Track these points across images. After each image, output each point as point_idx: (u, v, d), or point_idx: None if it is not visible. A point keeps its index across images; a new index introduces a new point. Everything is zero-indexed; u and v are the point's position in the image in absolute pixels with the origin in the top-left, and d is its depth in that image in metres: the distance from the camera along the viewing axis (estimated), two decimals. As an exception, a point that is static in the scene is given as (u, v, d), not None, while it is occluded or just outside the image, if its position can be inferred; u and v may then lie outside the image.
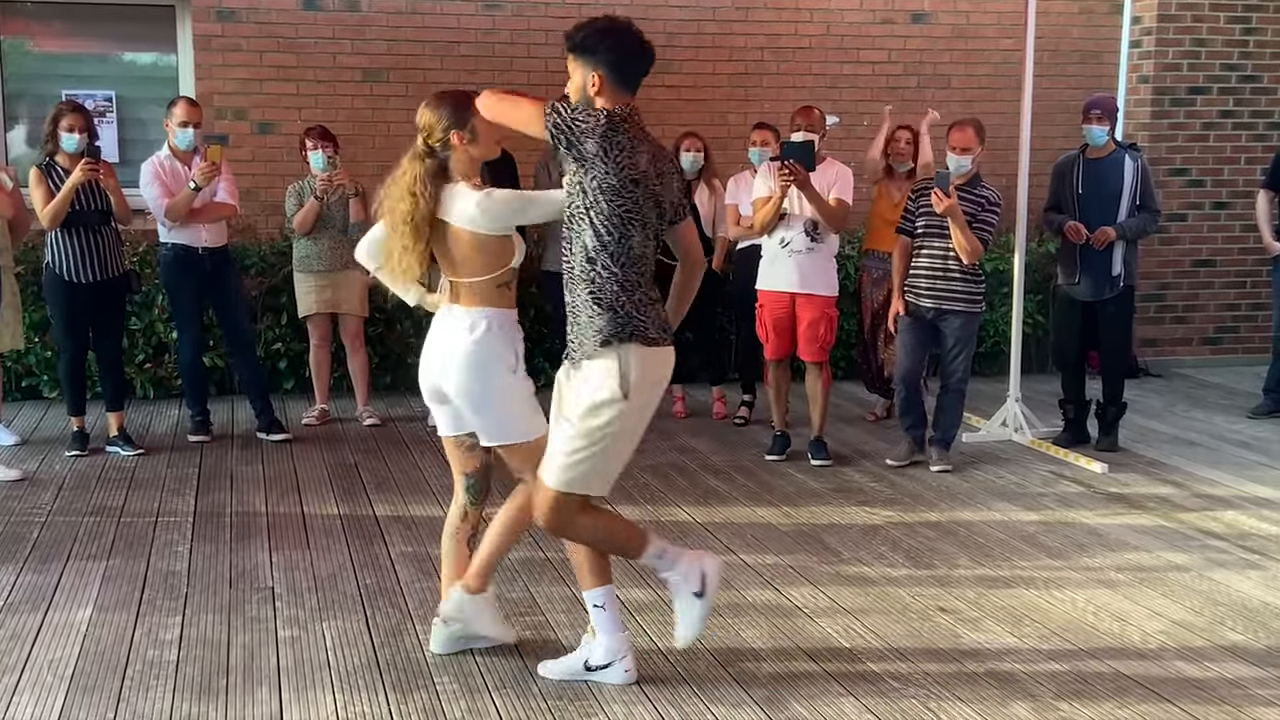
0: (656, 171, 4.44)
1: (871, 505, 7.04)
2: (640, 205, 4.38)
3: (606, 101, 4.42)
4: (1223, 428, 9.06)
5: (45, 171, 7.70)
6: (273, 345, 9.62)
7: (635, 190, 4.35)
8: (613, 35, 4.44)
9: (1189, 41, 11.22)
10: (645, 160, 4.38)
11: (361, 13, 10.09)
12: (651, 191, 4.41)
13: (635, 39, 4.46)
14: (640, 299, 4.41)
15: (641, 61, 4.48)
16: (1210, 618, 5.39)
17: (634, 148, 4.35)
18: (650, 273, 4.47)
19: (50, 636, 5.08)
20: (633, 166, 4.34)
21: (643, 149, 4.39)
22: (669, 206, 4.51)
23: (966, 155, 7.57)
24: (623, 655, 4.65)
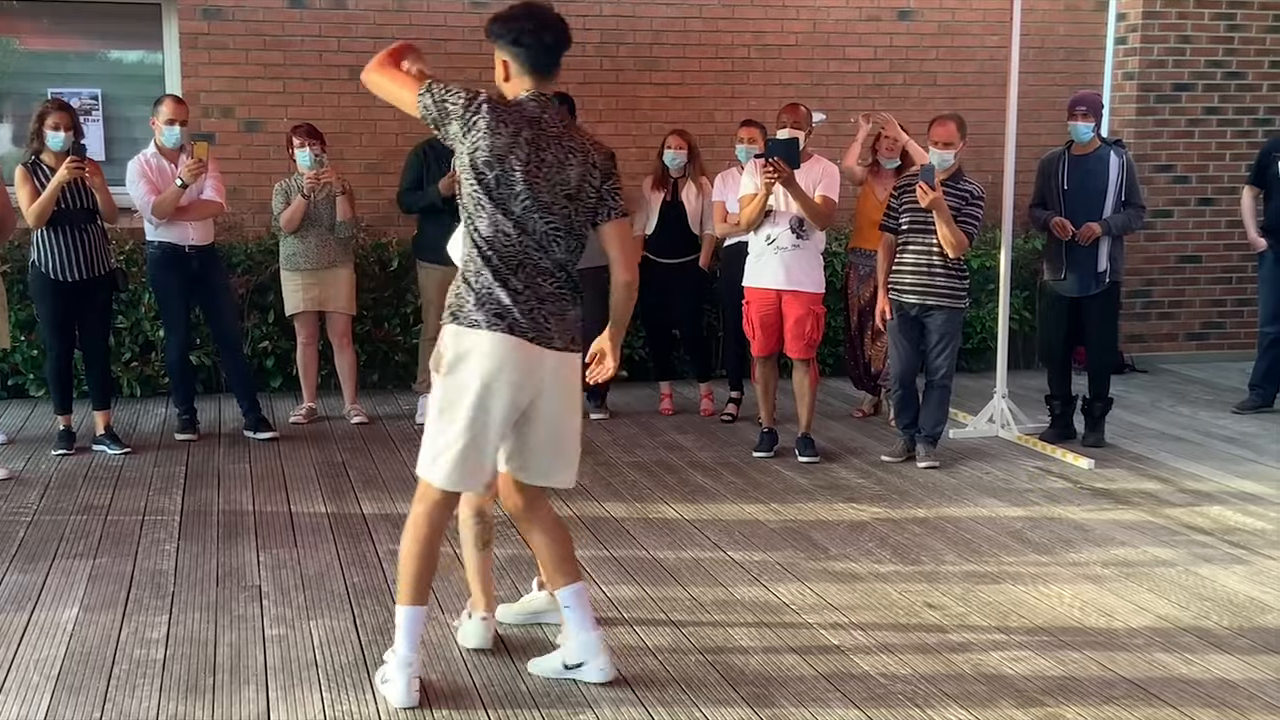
0: (540, 160, 4.33)
1: (859, 502, 7.05)
2: (493, 190, 4.30)
3: (514, 87, 4.42)
4: (1208, 423, 9.08)
5: (31, 170, 7.67)
6: (260, 343, 9.60)
7: (488, 174, 4.30)
8: (514, 20, 4.40)
9: (1174, 38, 11.25)
10: (506, 143, 4.29)
11: (348, 10, 10.07)
12: (514, 180, 4.30)
13: (535, 23, 4.38)
14: (479, 284, 4.34)
15: (540, 46, 4.38)
16: (1196, 612, 5.41)
17: (496, 130, 4.28)
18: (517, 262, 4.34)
19: (36, 636, 5.07)
20: (489, 149, 4.28)
21: (507, 132, 4.30)
22: (559, 202, 4.38)
23: (949, 150, 7.59)
24: (595, 653, 4.60)
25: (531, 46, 4.38)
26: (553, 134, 4.39)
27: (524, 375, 4.36)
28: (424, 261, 8.86)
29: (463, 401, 4.35)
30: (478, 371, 4.33)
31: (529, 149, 4.32)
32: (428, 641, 4.99)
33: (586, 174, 4.43)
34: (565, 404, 4.53)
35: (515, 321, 4.32)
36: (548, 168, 4.35)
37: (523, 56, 4.40)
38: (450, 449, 4.39)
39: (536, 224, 4.36)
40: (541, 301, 4.38)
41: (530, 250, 4.36)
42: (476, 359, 4.33)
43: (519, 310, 4.33)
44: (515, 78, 4.43)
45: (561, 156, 4.38)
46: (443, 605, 5.39)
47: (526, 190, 4.32)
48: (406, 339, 9.81)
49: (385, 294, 9.87)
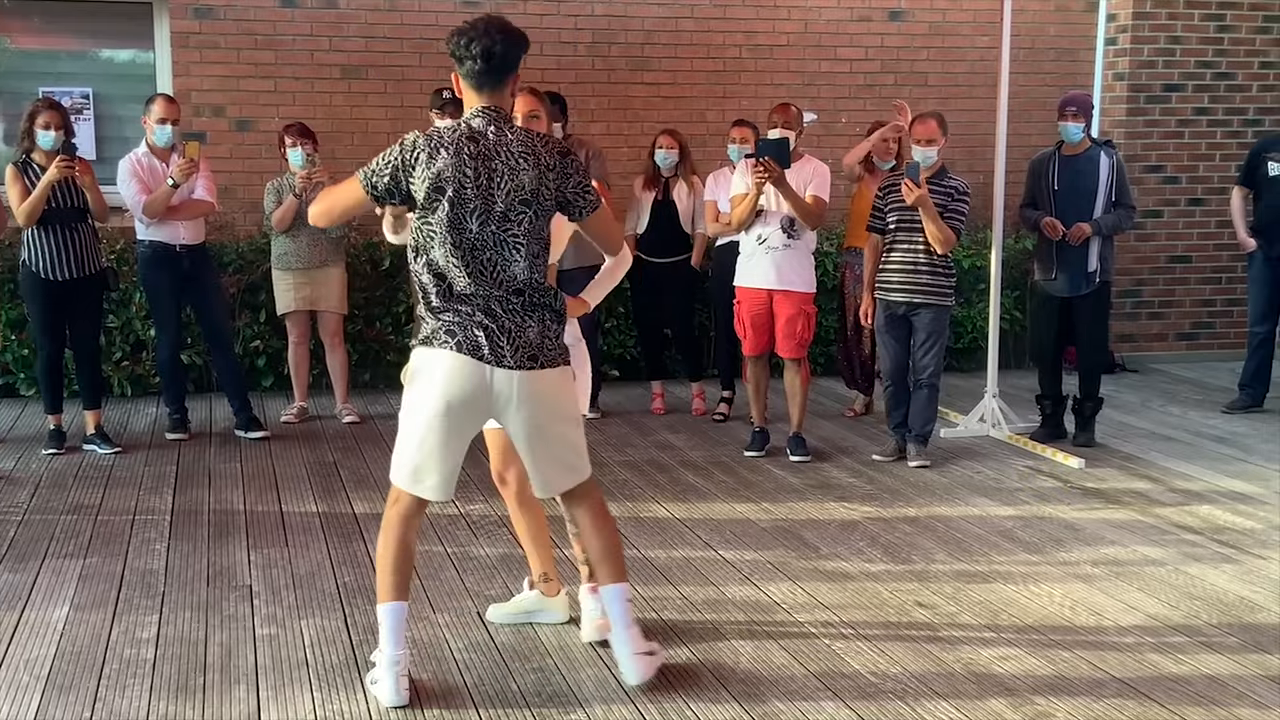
0: (490, 170, 4.31)
1: (850, 501, 7.06)
2: (448, 213, 4.30)
3: (467, 101, 4.46)
4: (1198, 423, 9.10)
5: (21, 169, 7.67)
6: (251, 343, 9.60)
7: (440, 198, 4.30)
8: (454, 37, 4.43)
9: (1164, 39, 11.28)
10: (449, 164, 4.29)
11: (339, 9, 10.07)
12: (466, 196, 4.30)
13: (468, 39, 4.38)
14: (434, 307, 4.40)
15: (473, 60, 4.36)
16: (1186, 611, 5.42)
17: (435, 155, 4.30)
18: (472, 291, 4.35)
19: (26, 635, 5.07)
20: (435, 175, 4.29)
21: (448, 154, 4.30)
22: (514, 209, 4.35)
23: (932, 147, 7.60)
24: None
25: (465, 61, 4.39)
26: (499, 144, 4.36)
27: (470, 391, 4.37)
28: (415, 261, 8.88)
29: (416, 415, 4.44)
30: (426, 386, 4.40)
31: (475, 162, 4.31)
32: (419, 640, 5.00)
33: (541, 177, 4.39)
34: (543, 417, 4.49)
35: (463, 340, 4.35)
36: (499, 177, 4.33)
37: (462, 72, 4.43)
38: (409, 458, 4.47)
39: (492, 236, 4.34)
40: (495, 320, 4.36)
41: (482, 272, 4.35)
42: (426, 374, 4.40)
43: (467, 330, 4.35)
44: (465, 92, 4.47)
45: (512, 164, 4.35)
46: (433, 604, 5.39)
47: (480, 203, 4.31)
48: (398, 338, 9.80)
49: (377, 293, 9.87)
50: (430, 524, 6.53)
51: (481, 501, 6.92)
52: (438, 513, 6.72)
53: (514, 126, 4.45)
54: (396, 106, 10.07)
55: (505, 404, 4.41)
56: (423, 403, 4.41)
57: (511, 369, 4.37)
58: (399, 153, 4.36)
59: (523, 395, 4.40)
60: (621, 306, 9.97)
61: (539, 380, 4.43)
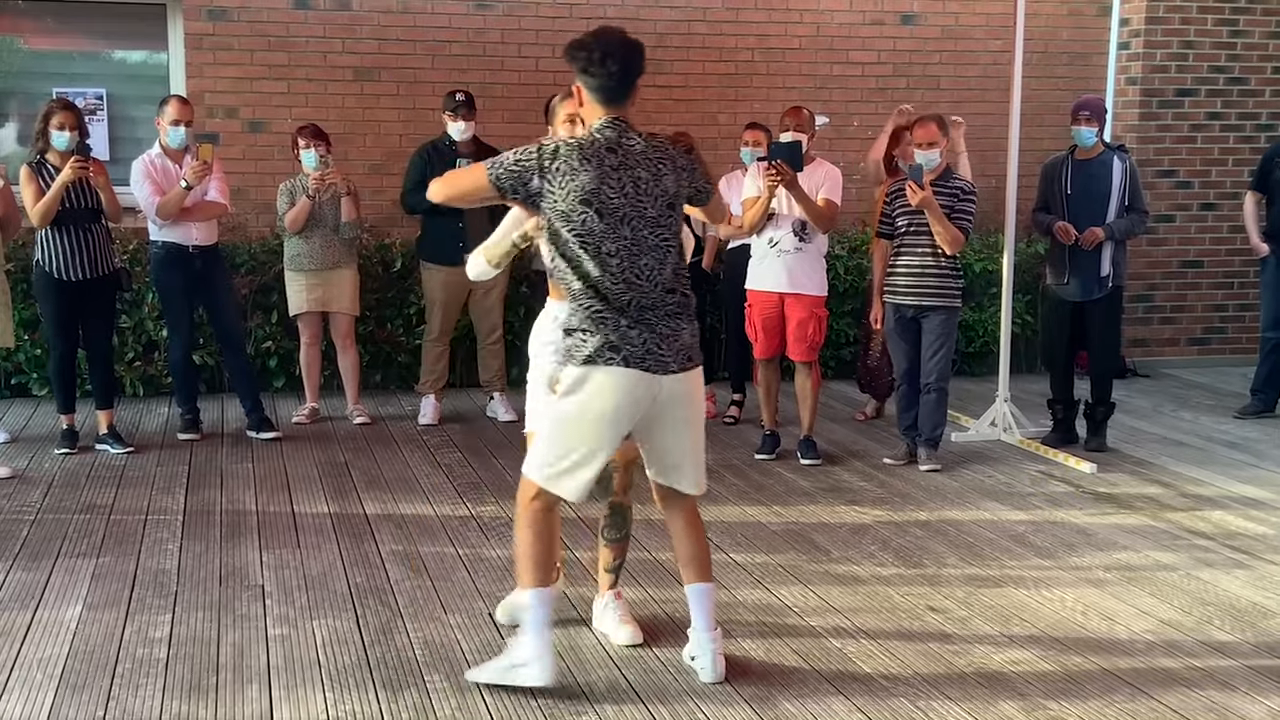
0: (636, 179, 4.40)
1: (861, 504, 7.06)
2: (597, 225, 4.36)
3: (589, 114, 4.50)
4: (1210, 428, 9.08)
5: (36, 169, 7.69)
6: (263, 344, 9.61)
7: (588, 210, 4.35)
8: (582, 49, 4.45)
9: (1177, 44, 11.25)
10: (594, 176, 4.35)
11: (353, 11, 10.08)
12: (615, 206, 4.37)
13: (601, 52, 4.42)
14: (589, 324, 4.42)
15: (607, 75, 4.42)
16: (1198, 617, 5.41)
17: (580, 168, 4.35)
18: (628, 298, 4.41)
19: (40, 634, 5.08)
20: (579, 188, 4.35)
21: (592, 165, 4.36)
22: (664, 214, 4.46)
23: (933, 150, 7.60)
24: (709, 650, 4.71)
25: (598, 76, 4.43)
26: (638, 152, 4.45)
27: (637, 404, 4.46)
28: (427, 262, 8.90)
29: (572, 425, 4.47)
30: (589, 401, 4.43)
31: (618, 173, 4.39)
32: (429, 642, 5.01)
33: (678, 179, 4.53)
34: (685, 418, 4.60)
35: (630, 354, 4.40)
36: (644, 184, 4.43)
37: (591, 85, 4.47)
38: (556, 463, 4.49)
39: (647, 240, 4.43)
40: (653, 329, 4.44)
41: (640, 277, 4.43)
42: (591, 391, 4.42)
43: (632, 342, 4.41)
44: (589, 104, 4.51)
45: (653, 170, 4.46)
46: (445, 605, 5.40)
47: (630, 210, 4.40)
48: (409, 340, 9.82)
49: (388, 295, 9.88)
50: (442, 525, 6.55)
51: (493, 503, 6.93)
52: (449, 514, 6.74)
53: (642, 134, 4.52)
54: (409, 109, 10.09)
55: (664, 407, 4.51)
56: (583, 416, 4.45)
57: (675, 373, 4.48)
58: (536, 156, 4.39)
59: (680, 395, 4.52)
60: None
61: (693, 378, 4.58)
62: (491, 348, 9.11)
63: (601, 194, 4.36)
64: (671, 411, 4.53)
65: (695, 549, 4.75)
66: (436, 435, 8.58)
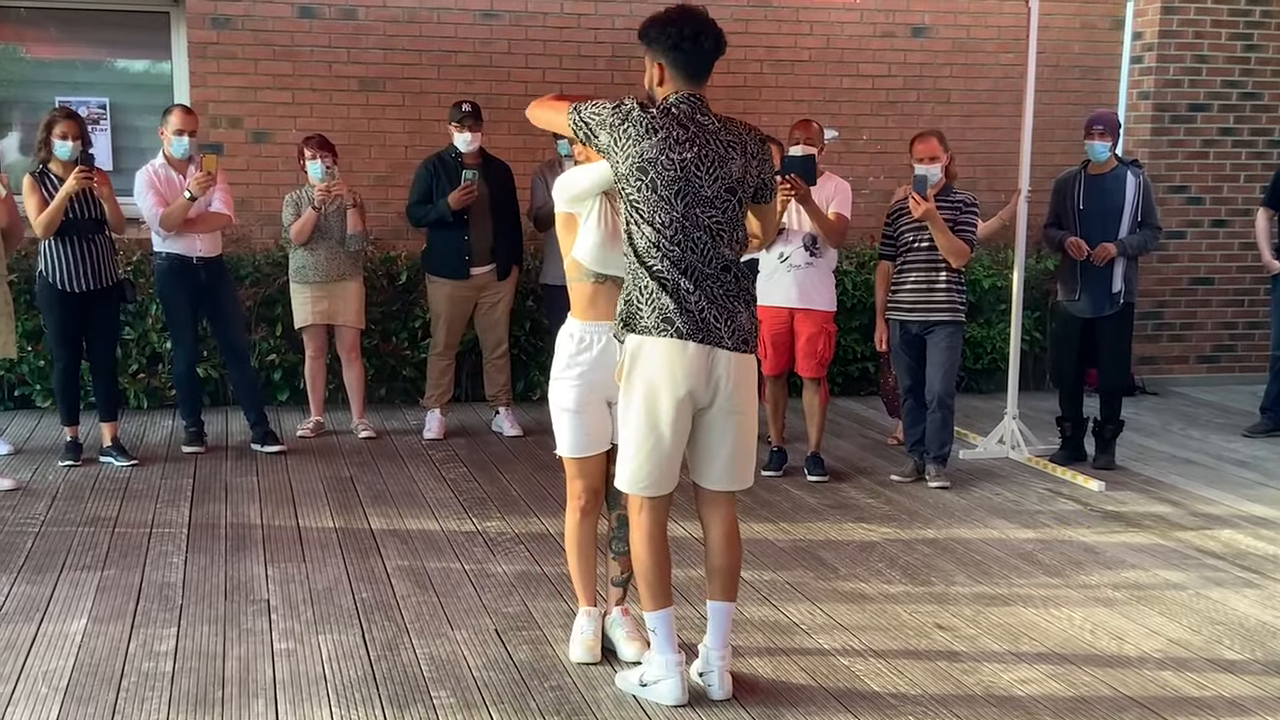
0: (699, 157, 4.40)
1: (869, 521, 7.02)
2: (653, 193, 4.37)
3: (666, 91, 4.50)
4: (1219, 446, 9.05)
5: (39, 179, 7.67)
6: (267, 356, 9.58)
7: (645, 177, 4.36)
8: (671, 24, 4.47)
9: (1190, 58, 11.22)
10: (659, 144, 4.36)
11: (358, 21, 10.06)
12: (673, 178, 4.37)
13: (693, 27, 4.46)
14: (646, 291, 4.41)
15: (700, 51, 4.48)
16: (1207, 636, 5.38)
17: (647, 134, 4.36)
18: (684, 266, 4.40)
19: (45, 647, 5.05)
20: (640, 154, 4.35)
21: (659, 135, 4.37)
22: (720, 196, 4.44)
23: (935, 164, 7.57)
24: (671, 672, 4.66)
25: (690, 52, 4.47)
26: (710, 130, 4.46)
27: (694, 378, 4.44)
28: (433, 275, 8.86)
29: (635, 408, 4.48)
30: (645, 376, 4.44)
31: (681, 148, 4.39)
32: (435, 658, 4.98)
33: (746, 164, 4.51)
34: (739, 406, 4.57)
35: (683, 325, 4.40)
36: (708, 163, 4.42)
37: (680, 62, 4.48)
38: (633, 456, 4.52)
39: (700, 219, 4.41)
40: (711, 303, 4.44)
41: (694, 252, 4.42)
42: (644, 364, 4.43)
43: (687, 313, 4.40)
44: (669, 81, 4.51)
45: (721, 151, 4.45)
46: (451, 621, 5.37)
47: (686, 186, 4.38)
48: (415, 353, 9.79)
49: (394, 308, 9.85)
50: (448, 541, 6.52)
51: (498, 519, 6.90)
52: (455, 530, 6.71)
53: (716, 114, 4.53)
54: (414, 119, 10.07)
55: (718, 388, 4.49)
56: (638, 393, 4.46)
57: (731, 350, 4.47)
58: (610, 113, 4.42)
59: (734, 379, 4.50)
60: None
61: (748, 364, 4.56)
62: (497, 362, 9.08)
63: (659, 164, 4.36)
64: (725, 398, 4.51)
65: (727, 562, 4.71)
66: (442, 450, 8.54)
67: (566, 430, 4.81)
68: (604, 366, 4.71)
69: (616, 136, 4.39)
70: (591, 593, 5.07)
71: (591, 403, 4.77)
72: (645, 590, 4.60)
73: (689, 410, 4.49)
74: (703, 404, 4.51)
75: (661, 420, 4.45)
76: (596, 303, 4.73)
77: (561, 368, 4.79)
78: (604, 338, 4.72)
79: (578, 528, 4.95)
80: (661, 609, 4.59)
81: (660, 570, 4.59)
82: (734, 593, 4.73)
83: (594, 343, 4.73)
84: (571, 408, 4.76)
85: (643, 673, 4.67)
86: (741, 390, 4.54)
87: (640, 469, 4.52)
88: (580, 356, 4.75)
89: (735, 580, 4.74)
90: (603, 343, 4.72)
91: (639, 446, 4.50)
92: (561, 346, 4.82)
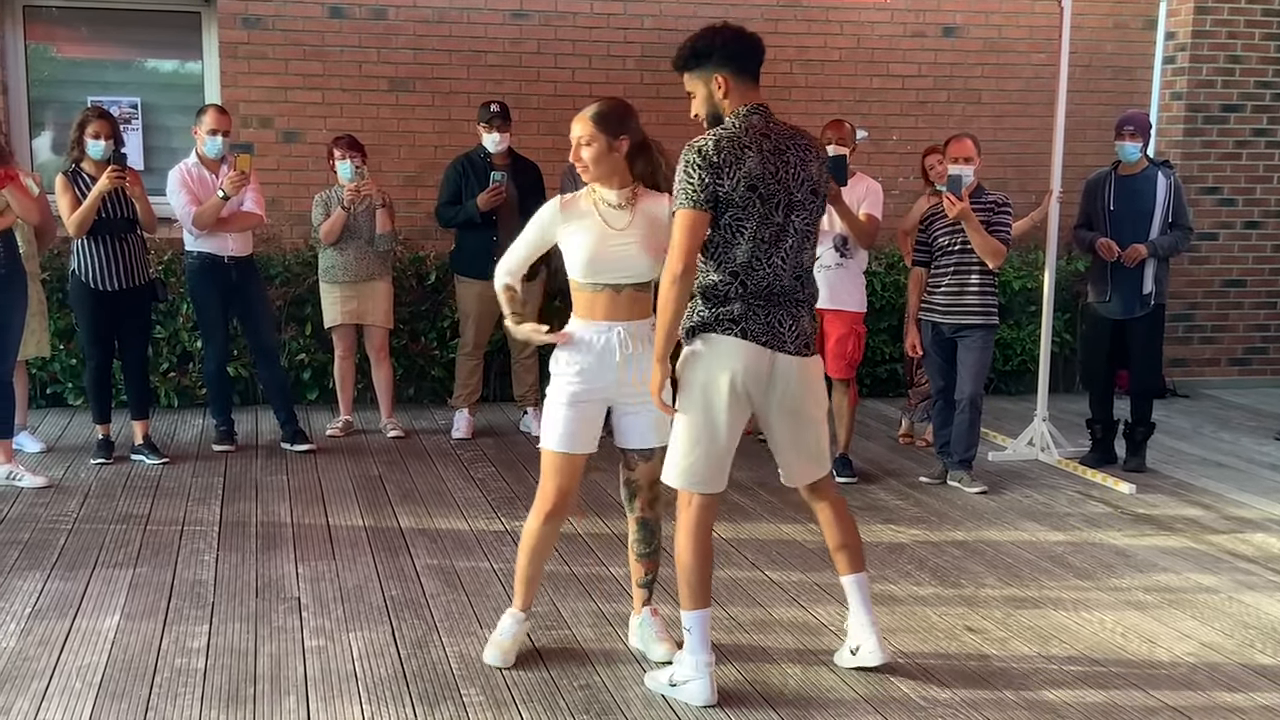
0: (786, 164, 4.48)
1: (897, 523, 7.01)
2: (758, 209, 4.44)
3: (734, 101, 4.54)
4: (1251, 449, 9.00)
5: (71, 178, 7.71)
6: (297, 356, 9.62)
7: (752, 196, 4.43)
8: (723, 34, 4.55)
9: (1223, 58, 11.16)
10: (755, 163, 4.43)
11: (388, 21, 10.08)
12: (774, 191, 4.45)
13: (745, 33, 4.57)
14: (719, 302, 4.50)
15: (756, 53, 4.57)
16: (1240, 640, 5.35)
17: (741, 156, 4.42)
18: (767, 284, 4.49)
19: (78, 643, 5.08)
20: (745, 177, 4.41)
21: (751, 153, 4.43)
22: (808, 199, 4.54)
23: (969, 166, 7.54)
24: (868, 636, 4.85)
25: (748, 57, 4.57)
26: (787, 137, 4.54)
27: (754, 380, 4.52)
28: (462, 275, 8.88)
29: (693, 404, 4.54)
30: (707, 373, 4.51)
31: (773, 158, 4.46)
32: (464, 656, 4.99)
33: (821, 167, 4.61)
34: (810, 405, 4.70)
35: (747, 327, 4.49)
36: (793, 169, 4.50)
37: (746, 73, 4.56)
38: (687, 452, 4.56)
39: (794, 225, 4.51)
40: (780, 308, 4.54)
41: (783, 259, 4.51)
42: (706, 362, 4.51)
43: (755, 317, 4.50)
44: (734, 92, 4.56)
45: (801, 155, 4.54)
46: (480, 620, 5.37)
47: (783, 195, 4.47)
48: (443, 353, 9.80)
49: (422, 308, 9.87)
50: (477, 540, 6.53)
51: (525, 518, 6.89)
52: (483, 529, 6.72)
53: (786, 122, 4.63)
54: (444, 120, 10.08)
55: (778, 391, 4.57)
56: (702, 390, 4.52)
57: (791, 355, 4.55)
58: (701, 163, 4.41)
59: (796, 381, 4.59)
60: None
61: (811, 366, 4.65)
62: (525, 362, 9.09)
63: (765, 178, 4.44)
64: (787, 398, 4.59)
65: (844, 538, 4.86)
66: (470, 449, 8.56)
67: (558, 424, 4.81)
68: (604, 365, 4.74)
69: (719, 175, 4.40)
70: (529, 598, 5.05)
71: (587, 402, 4.79)
72: (686, 589, 4.62)
73: (746, 410, 4.58)
74: (761, 405, 4.59)
75: (718, 418, 4.51)
76: (596, 308, 4.77)
77: (562, 364, 4.82)
78: (604, 337, 4.75)
79: (538, 530, 4.93)
80: (700, 609, 4.61)
81: (703, 570, 4.62)
82: (862, 561, 4.88)
83: (595, 342, 4.76)
84: (564, 401, 4.79)
85: (672, 673, 4.68)
86: (809, 391, 4.66)
87: (695, 464, 4.56)
88: (580, 354, 4.78)
89: (859, 550, 4.89)
90: (603, 342, 4.75)
91: (695, 442, 4.54)
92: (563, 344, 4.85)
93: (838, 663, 4.96)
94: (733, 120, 4.52)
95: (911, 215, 8.74)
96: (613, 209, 4.74)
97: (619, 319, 4.75)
